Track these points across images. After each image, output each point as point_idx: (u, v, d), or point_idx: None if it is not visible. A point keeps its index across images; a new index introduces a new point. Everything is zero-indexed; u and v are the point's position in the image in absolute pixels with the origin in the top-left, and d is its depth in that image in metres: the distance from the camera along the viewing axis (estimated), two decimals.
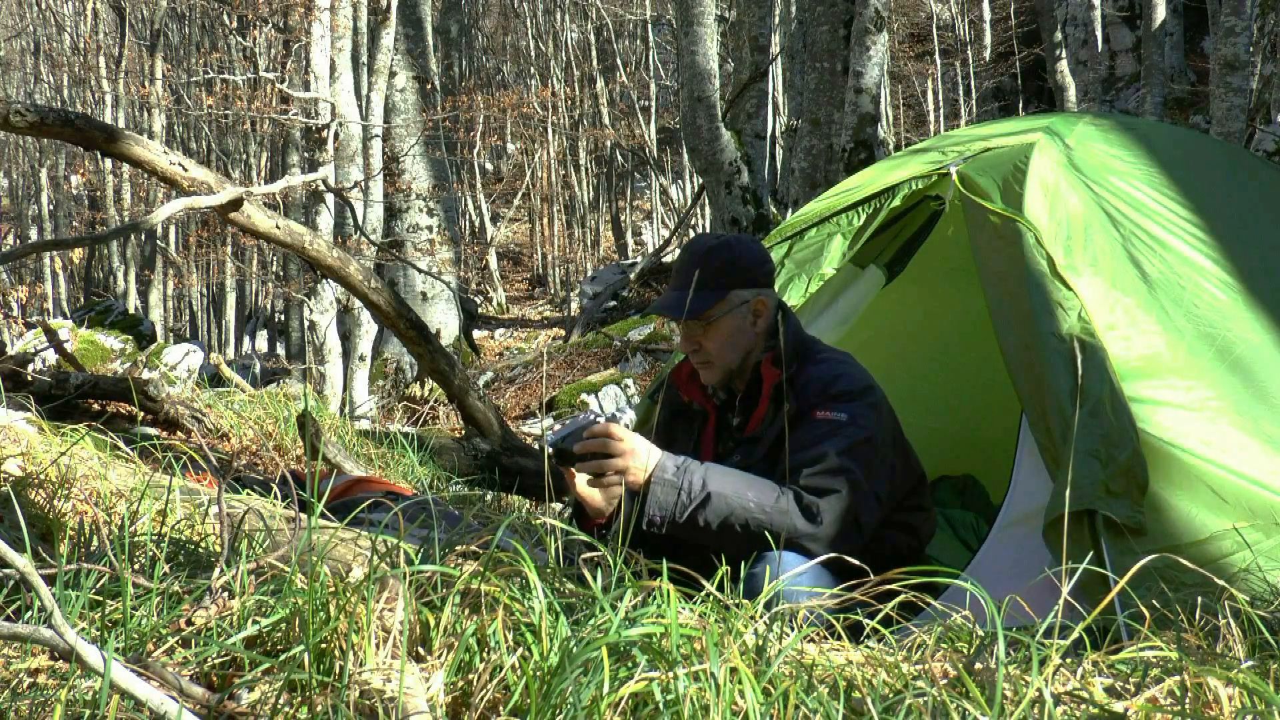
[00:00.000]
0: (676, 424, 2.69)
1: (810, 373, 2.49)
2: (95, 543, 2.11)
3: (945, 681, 1.55)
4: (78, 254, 25.22)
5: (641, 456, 2.28)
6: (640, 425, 3.57)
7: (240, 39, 16.54)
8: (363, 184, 10.27)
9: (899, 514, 2.51)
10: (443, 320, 13.99)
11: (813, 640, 1.76)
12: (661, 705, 1.39)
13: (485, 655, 1.51)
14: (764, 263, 2.58)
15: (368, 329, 9.93)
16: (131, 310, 18.73)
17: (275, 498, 3.04)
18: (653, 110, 23.22)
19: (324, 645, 1.51)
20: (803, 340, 2.59)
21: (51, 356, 7.11)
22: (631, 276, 16.30)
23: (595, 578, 1.66)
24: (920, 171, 3.18)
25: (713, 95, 9.20)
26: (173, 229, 22.02)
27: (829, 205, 3.38)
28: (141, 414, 4.50)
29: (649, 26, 23.50)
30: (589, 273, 21.43)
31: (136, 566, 1.87)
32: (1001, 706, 1.43)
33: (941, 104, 21.00)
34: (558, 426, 2.33)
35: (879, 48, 8.83)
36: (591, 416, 2.32)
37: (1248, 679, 1.51)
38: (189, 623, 1.64)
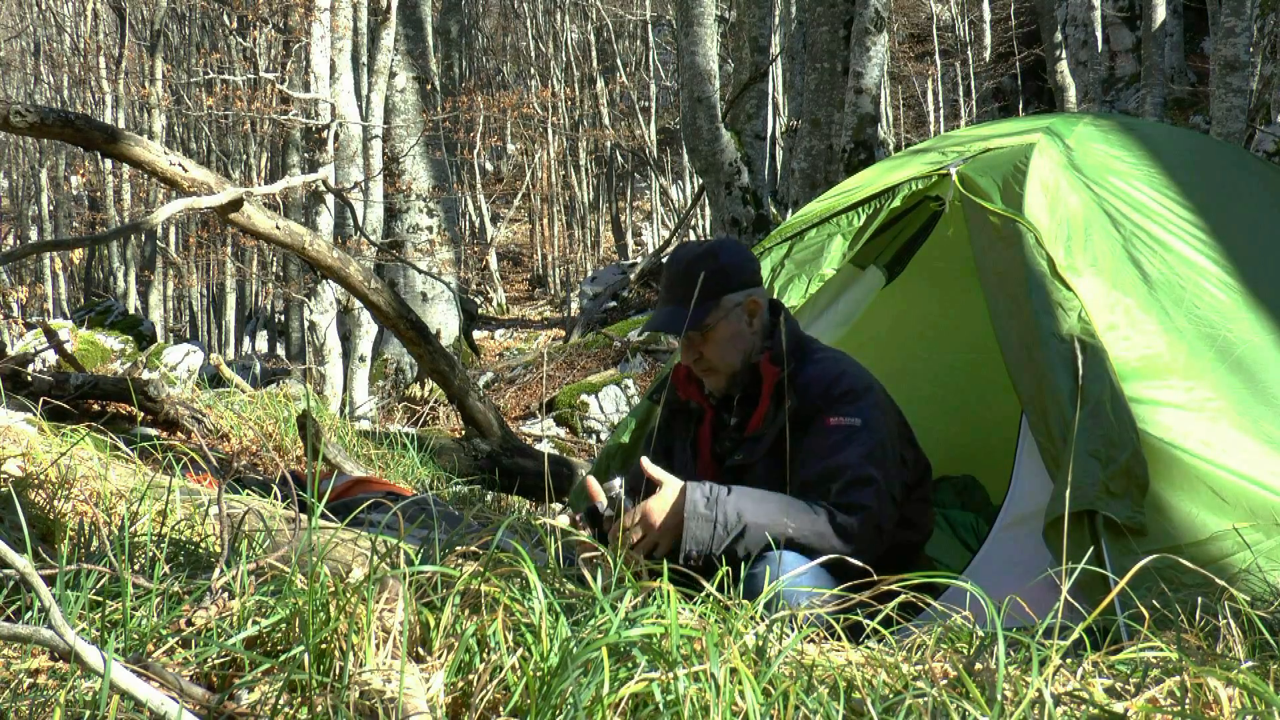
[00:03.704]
0: (675, 422, 2.70)
1: (810, 372, 2.49)
2: (95, 543, 2.11)
3: (945, 682, 1.55)
4: (78, 254, 25.22)
5: (656, 514, 2.24)
6: (641, 426, 3.57)
7: (240, 40, 16.55)
8: (363, 184, 10.28)
9: (903, 508, 2.52)
10: (443, 321, 13.99)
11: (813, 641, 1.76)
12: (661, 706, 1.39)
13: (485, 656, 1.51)
14: (749, 262, 2.59)
15: (368, 329, 9.93)
16: (131, 311, 18.73)
17: (275, 498, 3.04)
18: (653, 111, 23.23)
19: (324, 646, 1.51)
20: (800, 338, 2.60)
21: (52, 357, 7.10)
22: (631, 277, 16.30)
23: (595, 578, 1.66)
24: (920, 172, 3.18)
25: (713, 96, 9.19)
26: (173, 229, 22.02)
27: (829, 206, 3.37)
28: (142, 414, 4.50)
29: (649, 27, 23.51)
30: (589, 273, 21.44)
31: (136, 567, 1.87)
32: (1001, 707, 1.42)
33: (941, 104, 21.00)
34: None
35: (879, 48, 8.83)
36: (600, 505, 2.27)
37: (1248, 679, 1.51)
38: (189, 623, 1.64)
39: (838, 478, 2.32)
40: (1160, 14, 13.83)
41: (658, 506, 2.25)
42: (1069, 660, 1.65)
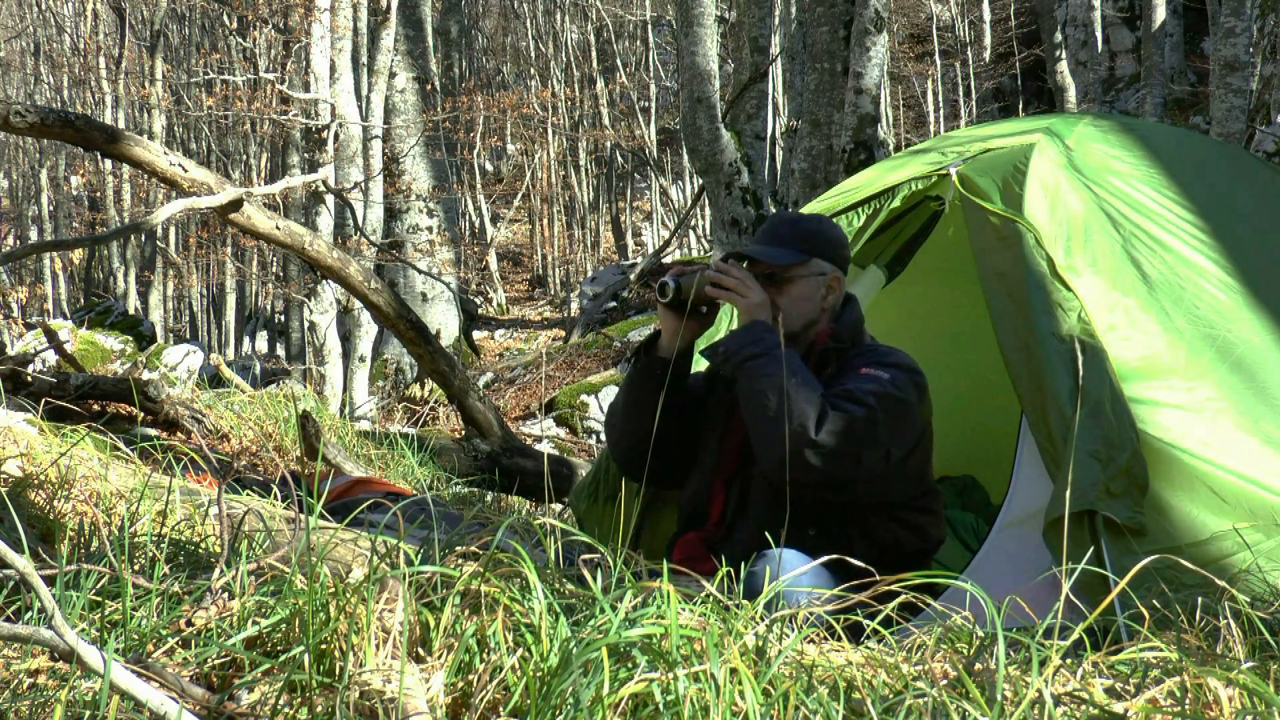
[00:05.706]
0: (716, 384, 2.70)
1: (862, 349, 2.57)
2: (95, 543, 2.10)
3: (945, 682, 1.55)
4: (78, 255, 25.21)
5: (756, 300, 2.48)
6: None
7: (240, 40, 16.55)
8: (363, 185, 10.27)
9: (906, 513, 2.52)
10: (443, 321, 13.98)
11: (813, 641, 1.76)
12: (661, 706, 1.39)
13: (485, 656, 1.50)
14: (846, 246, 2.71)
15: (368, 330, 9.93)
16: (131, 311, 18.73)
17: (275, 498, 3.04)
18: (653, 111, 23.24)
19: (324, 646, 1.50)
20: (861, 330, 2.66)
21: (52, 357, 7.10)
22: (631, 277, 16.28)
23: (595, 578, 1.66)
24: (920, 172, 3.18)
25: (713, 96, 9.19)
26: (173, 230, 22.02)
27: (829, 206, 3.37)
28: (142, 415, 4.49)
29: (649, 27, 23.52)
30: (589, 273, 21.43)
31: (136, 567, 1.87)
32: (1001, 707, 1.42)
33: (941, 105, 21.01)
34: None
35: (879, 48, 8.82)
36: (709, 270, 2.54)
37: (1248, 680, 1.51)
38: (189, 623, 1.64)
39: (840, 395, 2.38)
40: (1160, 14, 13.84)
41: (762, 299, 2.49)
42: (1069, 660, 1.65)
